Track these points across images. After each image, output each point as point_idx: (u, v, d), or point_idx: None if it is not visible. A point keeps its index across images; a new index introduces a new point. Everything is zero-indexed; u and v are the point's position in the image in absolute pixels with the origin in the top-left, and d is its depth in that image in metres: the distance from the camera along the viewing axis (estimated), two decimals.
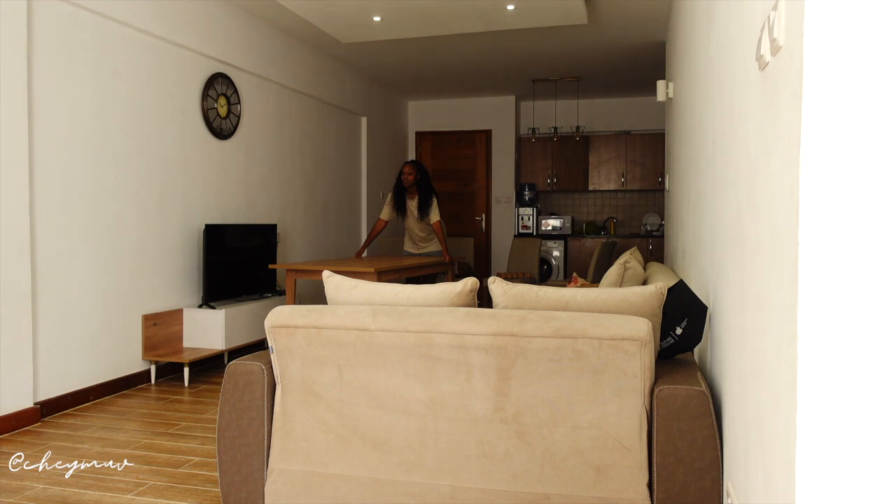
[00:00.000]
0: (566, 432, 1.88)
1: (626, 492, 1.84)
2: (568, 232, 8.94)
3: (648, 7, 5.40)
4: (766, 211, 1.32)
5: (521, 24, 5.77)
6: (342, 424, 2.05)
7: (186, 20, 4.81)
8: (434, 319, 1.94)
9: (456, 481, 1.95)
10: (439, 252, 6.20)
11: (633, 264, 2.91)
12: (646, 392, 1.85)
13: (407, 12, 5.48)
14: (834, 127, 0.96)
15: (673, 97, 5.00)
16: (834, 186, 0.96)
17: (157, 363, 4.57)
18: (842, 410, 0.96)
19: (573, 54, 6.95)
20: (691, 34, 3.43)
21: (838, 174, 0.95)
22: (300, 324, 2.04)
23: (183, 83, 4.86)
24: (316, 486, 2.06)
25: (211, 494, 2.64)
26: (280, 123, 6.22)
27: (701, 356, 2.68)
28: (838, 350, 0.96)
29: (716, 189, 2.27)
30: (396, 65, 7.43)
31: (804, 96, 0.98)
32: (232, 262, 5.10)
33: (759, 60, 1.34)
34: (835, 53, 0.95)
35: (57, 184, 3.81)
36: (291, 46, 6.29)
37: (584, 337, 1.83)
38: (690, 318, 2.13)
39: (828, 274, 0.96)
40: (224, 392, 2.15)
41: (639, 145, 8.85)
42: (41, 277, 3.71)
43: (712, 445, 1.82)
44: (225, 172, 5.38)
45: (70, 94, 3.90)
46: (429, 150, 9.47)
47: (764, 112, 1.35)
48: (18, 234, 3.53)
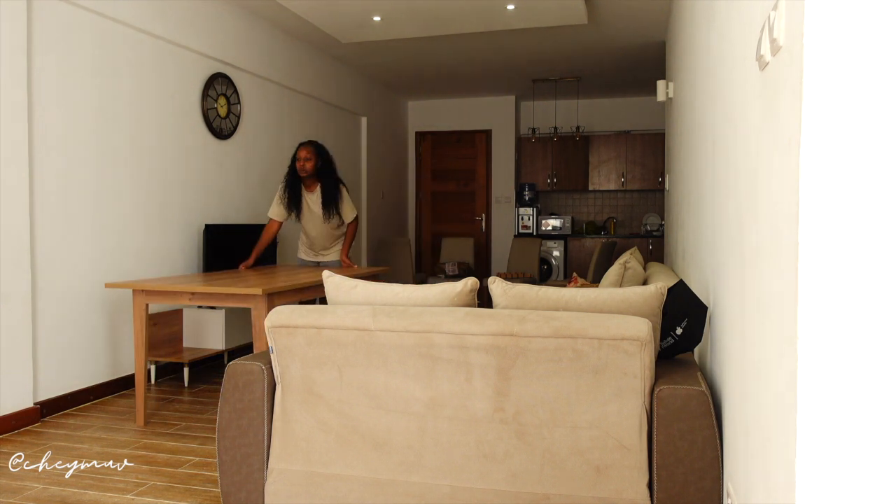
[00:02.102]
0: (566, 432, 1.88)
1: (626, 492, 1.84)
2: (568, 232, 8.94)
3: (648, 7, 5.40)
4: (765, 211, 1.32)
5: (521, 24, 5.77)
6: (342, 424, 2.05)
7: (186, 20, 4.80)
8: (434, 319, 1.94)
9: (456, 481, 1.95)
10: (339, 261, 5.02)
11: (633, 264, 2.91)
12: (646, 392, 1.85)
13: (407, 12, 5.48)
14: (834, 127, 0.95)
15: (673, 97, 4.99)
16: (834, 186, 0.96)
17: (157, 363, 4.57)
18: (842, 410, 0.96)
19: (573, 54, 6.95)
20: (691, 34, 3.43)
21: (838, 174, 0.95)
22: (300, 324, 2.04)
23: (183, 83, 4.86)
24: (316, 486, 2.06)
25: (211, 494, 2.64)
26: (280, 123, 6.22)
27: (701, 356, 2.68)
28: (838, 350, 0.96)
29: (716, 189, 2.27)
30: (396, 65, 7.43)
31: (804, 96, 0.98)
32: (232, 263, 5.10)
33: (759, 60, 1.34)
34: (835, 53, 0.95)
35: (56, 184, 3.81)
36: (291, 46, 6.29)
37: (584, 337, 1.83)
38: (690, 318, 2.13)
39: (828, 274, 0.96)
40: (224, 392, 2.15)
41: (639, 145, 8.85)
42: (41, 277, 3.71)
43: (712, 445, 1.82)
44: (225, 172, 5.38)
45: (70, 95, 3.90)
46: (429, 150, 9.47)
47: (764, 112, 1.35)
48: (18, 233, 3.53)
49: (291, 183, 4.76)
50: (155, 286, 3.48)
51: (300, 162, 4.67)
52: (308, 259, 5.07)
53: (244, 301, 3.35)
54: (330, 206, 4.74)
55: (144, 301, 3.50)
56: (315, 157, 4.69)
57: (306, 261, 5.08)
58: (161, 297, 3.51)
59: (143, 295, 3.51)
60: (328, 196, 4.73)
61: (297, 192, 4.77)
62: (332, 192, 4.75)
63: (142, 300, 3.50)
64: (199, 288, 3.42)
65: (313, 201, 4.79)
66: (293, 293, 3.62)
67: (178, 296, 3.47)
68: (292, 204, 4.76)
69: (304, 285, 3.70)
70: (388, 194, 8.80)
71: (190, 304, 3.47)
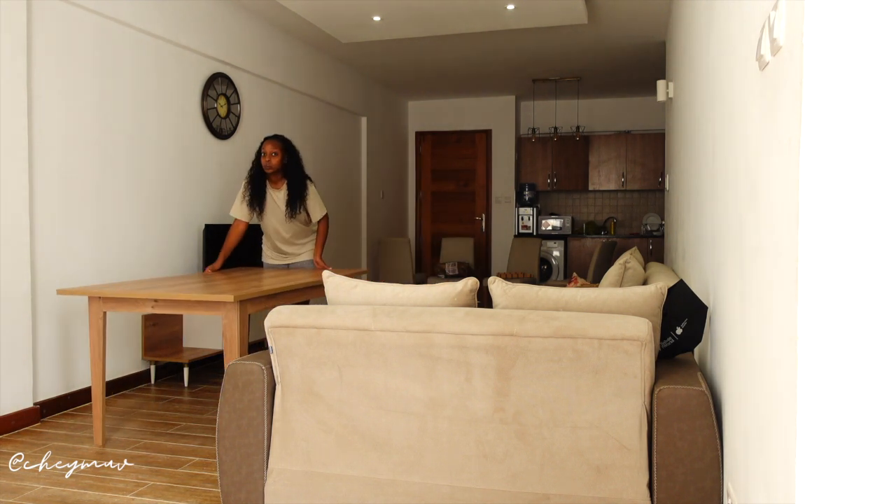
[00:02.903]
0: (566, 432, 1.88)
1: (626, 492, 1.84)
2: (568, 232, 8.94)
3: (648, 7, 5.40)
4: (765, 211, 1.32)
5: (521, 24, 5.77)
6: (342, 424, 2.05)
7: (186, 20, 4.81)
8: (434, 319, 1.94)
9: (456, 481, 1.95)
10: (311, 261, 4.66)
11: (633, 264, 2.91)
12: (646, 392, 1.85)
13: (407, 12, 5.48)
14: (834, 127, 0.95)
15: (673, 97, 4.99)
16: (834, 186, 0.96)
17: (156, 363, 4.57)
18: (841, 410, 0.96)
19: (573, 54, 6.95)
20: (691, 34, 3.43)
21: (838, 174, 0.95)
22: (300, 324, 2.04)
23: (183, 83, 4.86)
24: (316, 486, 2.06)
25: (211, 494, 2.64)
26: (280, 123, 6.22)
27: (701, 356, 2.67)
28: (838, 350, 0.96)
29: (716, 189, 2.27)
30: (396, 65, 7.43)
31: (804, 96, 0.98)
32: (232, 263, 5.09)
33: (759, 60, 1.34)
34: (835, 53, 0.95)
35: (56, 184, 3.81)
36: (291, 46, 6.29)
37: (584, 337, 1.83)
38: (690, 318, 2.13)
39: (828, 274, 0.96)
40: (224, 392, 2.15)
41: (639, 145, 8.85)
42: (41, 277, 3.71)
43: (712, 445, 1.82)
44: (225, 172, 5.38)
45: (70, 95, 3.90)
46: (429, 150, 9.47)
47: (764, 112, 1.35)
48: (18, 233, 3.53)
49: (256, 179, 4.43)
50: (113, 293, 3.13)
51: (266, 157, 4.36)
52: (276, 263, 4.66)
53: (213, 309, 3.07)
54: (296, 204, 4.40)
55: (101, 309, 3.17)
56: (282, 153, 4.38)
57: (274, 265, 4.66)
58: (120, 305, 3.17)
59: (100, 302, 3.18)
60: (295, 193, 4.40)
61: (262, 188, 4.44)
62: (300, 189, 4.43)
63: (98, 308, 3.17)
64: (162, 295, 3.09)
65: (279, 199, 4.45)
66: (267, 299, 3.32)
67: (139, 303, 3.15)
68: (255, 201, 4.42)
69: (280, 290, 3.40)
70: (388, 194, 8.80)
71: (153, 311, 3.17)
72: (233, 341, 3.04)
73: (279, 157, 4.37)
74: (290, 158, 4.43)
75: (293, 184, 4.41)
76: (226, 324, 3.06)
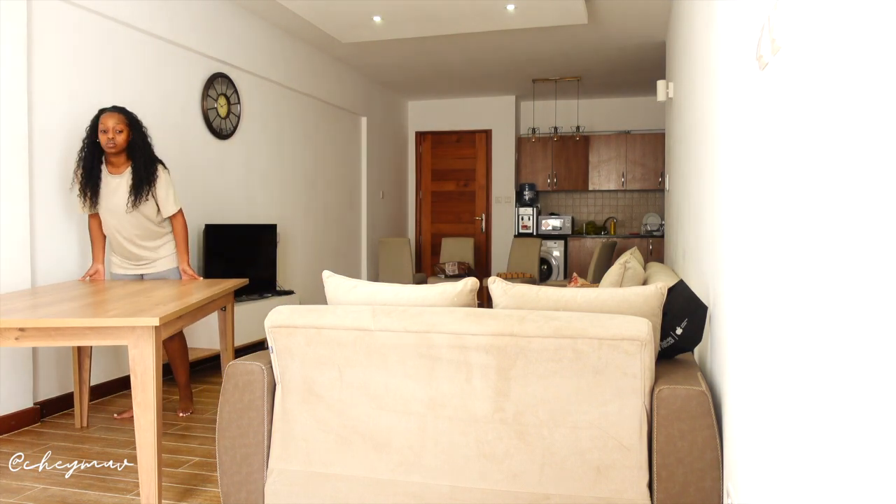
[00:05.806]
0: (566, 432, 1.88)
1: (626, 492, 1.84)
2: (568, 232, 8.94)
3: (648, 7, 5.40)
4: (765, 211, 1.32)
5: (521, 24, 5.77)
6: (342, 424, 2.05)
7: (186, 20, 4.81)
8: (434, 319, 1.94)
9: (455, 481, 1.95)
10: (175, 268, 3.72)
11: (634, 264, 2.91)
12: (646, 392, 1.85)
13: (407, 12, 5.48)
14: (834, 127, 0.96)
15: (673, 97, 5.00)
16: (834, 187, 0.96)
17: None
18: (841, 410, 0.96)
19: (573, 54, 6.95)
20: (691, 34, 3.43)
21: (838, 174, 0.95)
22: (300, 324, 2.04)
23: (183, 83, 4.86)
24: (316, 486, 2.06)
25: (211, 494, 2.64)
26: (280, 123, 6.22)
27: (701, 356, 2.68)
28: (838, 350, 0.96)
29: (716, 189, 2.27)
30: (396, 65, 7.43)
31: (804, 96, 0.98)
32: (232, 263, 5.10)
33: (759, 60, 1.34)
34: (835, 53, 0.95)
35: (57, 184, 3.81)
36: (291, 46, 6.29)
37: (584, 337, 1.83)
38: (690, 318, 2.13)
39: (828, 274, 0.96)
40: (224, 392, 2.15)
41: (639, 145, 8.85)
42: (41, 277, 3.71)
43: (712, 445, 1.82)
44: (225, 172, 5.38)
45: (70, 95, 3.90)
46: (429, 150, 9.48)
47: (764, 112, 1.35)
48: (18, 233, 3.53)
49: (88, 160, 3.49)
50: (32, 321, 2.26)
51: (108, 133, 3.43)
52: (126, 273, 3.69)
53: (116, 336, 2.28)
54: (142, 189, 3.48)
55: None
56: (127, 129, 3.48)
57: (121, 274, 3.70)
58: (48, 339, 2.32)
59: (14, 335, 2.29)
60: (141, 176, 3.49)
61: (96, 173, 3.51)
62: (147, 172, 3.51)
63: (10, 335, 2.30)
64: (31, 322, 2.24)
65: (120, 186, 3.52)
66: (187, 317, 2.73)
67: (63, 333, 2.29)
68: (88, 188, 3.49)
69: (199, 304, 2.80)
70: (388, 194, 8.80)
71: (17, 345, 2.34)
72: (144, 380, 2.26)
73: (125, 135, 3.47)
74: (137, 135, 3.53)
75: (139, 166, 3.50)
76: (135, 358, 2.27)
